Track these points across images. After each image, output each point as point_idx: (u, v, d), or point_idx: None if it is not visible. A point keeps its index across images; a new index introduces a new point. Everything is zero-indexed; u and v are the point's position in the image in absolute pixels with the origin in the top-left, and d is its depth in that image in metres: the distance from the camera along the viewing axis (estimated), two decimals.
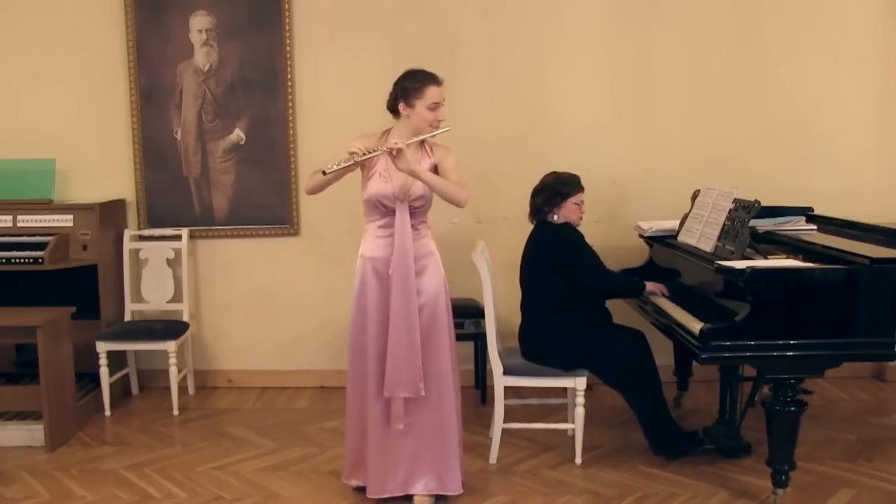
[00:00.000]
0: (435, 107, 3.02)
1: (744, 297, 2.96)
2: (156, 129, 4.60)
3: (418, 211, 3.07)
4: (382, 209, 3.05)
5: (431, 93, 3.01)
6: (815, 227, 3.78)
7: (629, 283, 3.80)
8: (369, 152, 2.90)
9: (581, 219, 3.66)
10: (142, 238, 4.65)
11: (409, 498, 3.16)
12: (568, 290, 3.53)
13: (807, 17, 4.50)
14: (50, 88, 4.59)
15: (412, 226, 3.05)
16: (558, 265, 3.53)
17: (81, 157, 4.62)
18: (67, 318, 3.98)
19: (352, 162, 2.88)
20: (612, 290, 3.77)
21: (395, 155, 2.85)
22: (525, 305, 3.66)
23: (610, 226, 4.58)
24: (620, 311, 3.92)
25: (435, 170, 3.07)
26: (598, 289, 3.63)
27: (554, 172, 3.66)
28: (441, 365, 3.10)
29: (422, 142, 3.09)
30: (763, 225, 3.75)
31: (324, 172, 2.88)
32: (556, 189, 3.58)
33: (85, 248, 4.35)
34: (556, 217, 3.60)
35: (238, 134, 4.60)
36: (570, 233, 3.58)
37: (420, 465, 3.13)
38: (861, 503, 3.19)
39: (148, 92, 4.57)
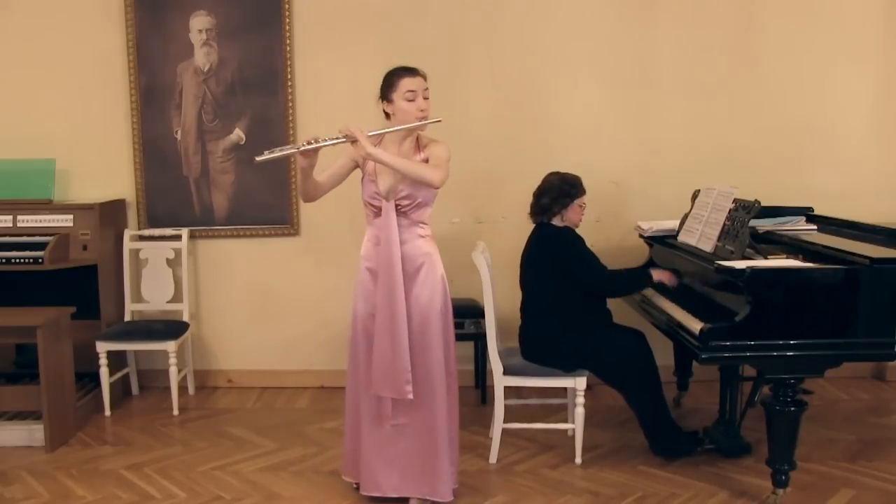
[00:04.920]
0: (412, 96, 2.94)
1: (744, 297, 2.96)
2: (156, 129, 4.60)
3: (407, 210, 3.00)
4: (374, 210, 3.04)
5: (404, 83, 2.95)
6: (815, 227, 3.78)
7: (634, 277, 3.74)
8: (324, 140, 2.86)
9: (581, 220, 3.66)
10: (142, 238, 4.65)
11: (404, 500, 3.15)
12: (568, 291, 3.52)
13: (807, 17, 4.50)
14: (50, 88, 4.59)
15: (403, 226, 3.01)
16: (559, 269, 3.52)
17: (81, 157, 4.62)
18: (67, 318, 3.98)
19: (291, 149, 2.89)
20: (618, 292, 3.75)
21: (353, 144, 2.86)
22: (525, 306, 3.66)
23: (610, 226, 4.58)
24: (620, 311, 3.91)
25: None
26: (602, 294, 3.62)
27: (557, 173, 3.65)
28: (432, 371, 3.03)
29: (417, 140, 3.06)
30: (763, 225, 3.75)
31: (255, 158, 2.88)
32: (563, 190, 3.57)
33: (85, 248, 4.35)
34: (561, 219, 3.60)
35: (238, 134, 4.60)
36: (570, 237, 3.57)
37: (411, 469, 3.10)
38: (861, 503, 3.19)
39: (148, 92, 4.57)
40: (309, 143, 2.86)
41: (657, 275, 3.66)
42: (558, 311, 3.53)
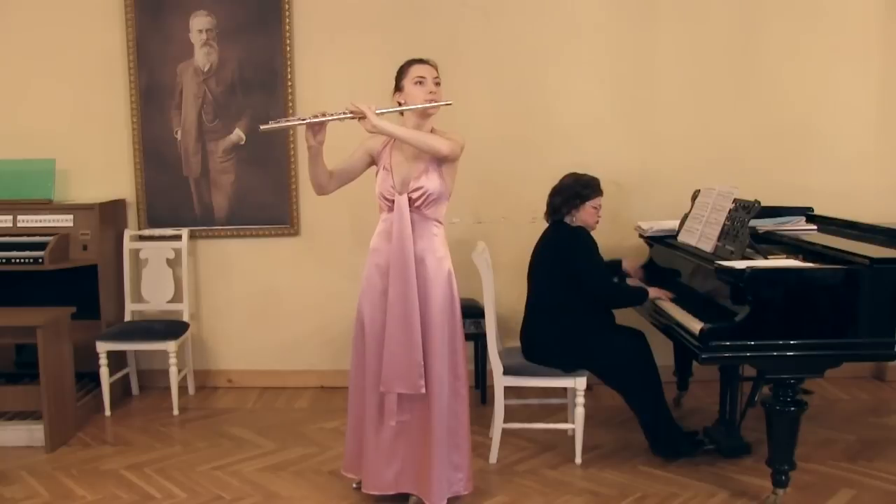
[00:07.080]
0: (421, 80, 2.99)
1: (744, 297, 2.96)
2: (156, 129, 4.60)
3: (420, 205, 2.99)
4: (387, 203, 3.04)
5: (414, 69, 3.02)
6: (815, 227, 3.78)
7: (632, 293, 3.71)
8: (331, 115, 2.89)
9: (598, 223, 3.64)
10: (142, 238, 4.65)
11: (404, 498, 3.14)
12: (574, 291, 3.51)
13: (807, 18, 4.50)
14: (50, 88, 4.59)
15: (416, 222, 2.99)
16: (567, 268, 3.51)
17: (81, 157, 4.62)
18: (67, 318, 3.98)
19: (296, 121, 2.93)
20: (616, 303, 3.71)
21: (360, 120, 2.87)
22: (530, 304, 3.65)
23: (610, 226, 4.55)
24: (621, 311, 3.90)
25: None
26: (599, 298, 3.59)
27: (574, 174, 3.64)
28: (431, 371, 3.00)
29: (432, 132, 3.05)
30: (763, 225, 3.75)
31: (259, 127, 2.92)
32: (575, 191, 3.57)
33: (85, 248, 4.35)
34: (573, 219, 3.59)
35: (238, 134, 4.60)
36: (583, 239, 3.55)
37: (409, 466, 3.10)
38: (861, 503, 3.19)
39: (148, 92, 4.57)
40: (316, 117, 2.89)
41: (654, 293, 3.64)
42: (563, 311, 3.52)
